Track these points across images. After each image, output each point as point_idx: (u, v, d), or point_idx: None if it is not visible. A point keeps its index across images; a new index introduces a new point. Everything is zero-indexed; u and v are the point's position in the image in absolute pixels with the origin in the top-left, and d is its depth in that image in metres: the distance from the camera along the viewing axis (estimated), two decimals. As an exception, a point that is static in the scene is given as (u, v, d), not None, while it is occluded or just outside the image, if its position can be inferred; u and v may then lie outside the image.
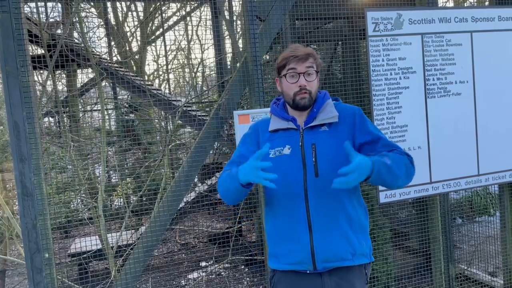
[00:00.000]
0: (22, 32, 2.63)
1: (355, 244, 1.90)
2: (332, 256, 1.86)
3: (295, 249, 1.88)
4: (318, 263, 1.86)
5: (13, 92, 2.62)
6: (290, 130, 1.97)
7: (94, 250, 4.41)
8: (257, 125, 2.09)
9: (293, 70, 1.91)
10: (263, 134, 2.02)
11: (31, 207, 2.69)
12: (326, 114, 1.95)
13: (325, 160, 1.88)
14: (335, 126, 1.95)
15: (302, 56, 1.90)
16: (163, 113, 6.50)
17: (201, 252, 6.15)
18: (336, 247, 1.86)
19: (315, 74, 1.94)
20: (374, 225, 3.67)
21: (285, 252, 1.92)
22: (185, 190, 3.22)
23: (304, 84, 1.91)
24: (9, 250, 5.71)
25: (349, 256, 1.88)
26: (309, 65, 1.91)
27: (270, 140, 1.97)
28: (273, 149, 1.95)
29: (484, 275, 4.35)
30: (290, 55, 1.92)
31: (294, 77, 1.92)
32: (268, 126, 2.03)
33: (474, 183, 3.34)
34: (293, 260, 1.90)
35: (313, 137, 1.93)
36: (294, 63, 1.91)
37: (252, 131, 2.09)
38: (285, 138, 1.96)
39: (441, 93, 3.22)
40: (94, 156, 5.82)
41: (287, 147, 1.94)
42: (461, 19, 3.23)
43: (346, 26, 3.87)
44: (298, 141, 1.93)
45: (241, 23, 8.40)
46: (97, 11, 7.46)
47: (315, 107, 1.98)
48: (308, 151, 1.91)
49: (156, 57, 10.14)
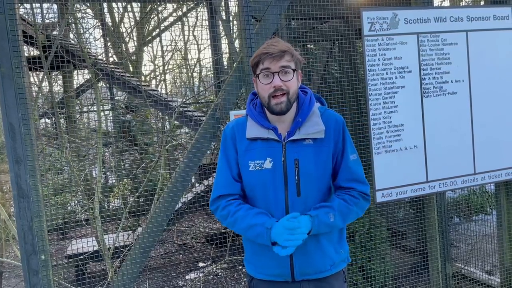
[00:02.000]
0: (17, 33, 2.62)
1: (334, 257, 1.88)
2: (312, 270, 1.83)
3: (273, 264, 1.81)
4: (297, 276, 1.83)
5: (8, 94, 2.61)
6: (270, 140, 1.80)
7: (91, 251, 4.40)
8: (233, 131, 1.88)
9: (267, 70, 1.71)
10: (241, 142, 1.84)
11: (27, 209, 2.68)
12: (312, 127, 1.79)
13: (308, 178, 1.78)
14: (320, 140, 1.80)
15: (277, 53, 1.70)
16: (160, 114, 6.49)
17: (198, 252, 6.15)
18: (315, 262, 1.83)
19: (293, 72, 1.74)
20: (371, 224, 3.67)
21: (263, 264, 1.86)
22: (182, 190, 3.21)
23: (279, 85, 1.71)
24: (6, 252, 5.69)
25: (327, 268, 1.86)
26: (284, 64, 1.71)
27: (249, 150, 1.81)
28: (252, 161, 1.80)
29: (481, 274, 4.36)
30: (263, 52, 1.72)
31: (268, 76, 1.72)
32: (245, 130, 1.85)
33: (470, 182, 3.35)
34: (270, 272, 1.85)
35: (296, 150, 1.78)
36: (268, 62, 1.71)
37: (228, 138, 1.88)
38: (265, 150, 1.80)
39: (437, 92, 3.23)
40: (90, 157, 5.81)
41: (268, 160, 1.78)
42: (457, 18, 3.24)
43: (342, 26, 3.87)
44: (280, 155, 1.78)
45: (237, 24, 8.40)
46: (93, 11, 7.44)
47: (300, 116, 1.81)
48: (290, 167, 1.77)
49: (152, 58, 10.12)
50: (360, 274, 3.61)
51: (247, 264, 1.96)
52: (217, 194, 1.88)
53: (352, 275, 3.60)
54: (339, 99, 3.78)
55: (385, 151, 3.11)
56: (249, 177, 1.82)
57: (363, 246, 3.65)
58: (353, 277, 3.59)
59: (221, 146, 1.91)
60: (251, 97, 1.94)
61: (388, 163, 3.12)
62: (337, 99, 3.72)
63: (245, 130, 1.84)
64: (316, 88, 4.28)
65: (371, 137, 3.07)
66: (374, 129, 3.08)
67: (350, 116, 3.72)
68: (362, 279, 3.60)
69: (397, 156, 3.14)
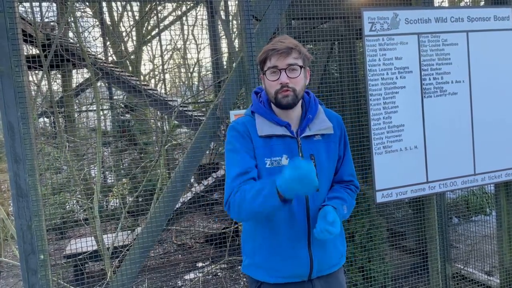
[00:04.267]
0: (16, 32, 2.61)
1: (340, 248, 1.95)
2: (326, 265, 1.87)
3: (293, 264, 1.80)
4: (314, 274, 1.85)
5: (7, 92, 2.60)
6: (285, 137, 1.80)
7: (90, 251, 4.39)
8: (245, 127, 1.82)
9: (274, 67, 1.72)
10: (255, 139, 1.81)
11: (26, 208, 2.66)
12: (321, 124, 1.84)
13: (322, 172, 1.81)
14: (328, 136, 1.85)
15: (284, 50, 1.70)
16: (159, 113, 6.48)
17: (197, 252, 6.14)
18: (330, 257, 1.88)
19: (300, 69, 1.74)
20: (371, 225, 3.67)
21: (280, 267, 1.82)
22: (181, 190, 3.20)
23: (285, 82, 1.71)
24: (4, 251, 5.67)
25: (337, 261, 1.92)
26: (291, 61, 1.72)
27: (264, 147, 1.79)
28: (269, 159, 1.78)
29: (480, 275, 4.36)
30: (270, 48, 1.73)
31: (276, 73, 1.73)
32: (255, 128, 1.82)
33: (470, 182, 3.35)
34: (288, 274, 1.83)
35: (310, 147, 1.81)
36: (275, 59, 1.72)
37: (243, 133, 1.81)
38: (281, 146, 1.79)
39: (437, 93, 3.22)
40: (89, 157, 5.79)
41: (284, 157, 1.78)
42: (457, 18, 3.24)
43: (342, 25, 3.87)
44: (297, 152, 1.79)
45: (237, 23, 8.40)
46: (92, 11, 7.43)
47: (310, 113, 1.84)
48: None
49: (152, 57, 10.11)
50: (360, 275, 3.60)
51: (255, 269, 1.89)
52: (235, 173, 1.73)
53: (351, 275, 3.59)
54: (339, 99, 3.78)
55: (385, 152, 3.11)
56: (267, 174, 1.79)
57: (363, 247, 3.64)
58: (352, 277, 3.59)
59: (233, 142, 1.82)
60: (255, 95, 1.93)
61: (388, 164, 3.11)
62: (337, 99, 3.72)
63: (255, 128, 1.81)
64: (316, 88, 4.27)
65: (371, 137, 3.07)
66: (374, 129, 3.07)
67: (350, 116, 3.72)
68: (361, 280, 3.59)
69: (397, 156, 3.14)
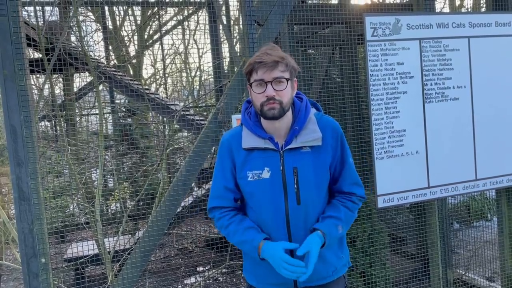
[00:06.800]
0: (20, 36, 2.62)
1: (335, 262, 1.88)
2: (314, 278, 1.81)
3: (275, 274, 1.76)
4: (299, 284, 1.83)
5: (10, 96, 2.61)
6: (267, 150, 1.78)
7: (91, 255, 4.38)
8: (229, 142, 1.85)
9: (260, 80, 1.69)
10: (238, 153, 1.81)
11: (28, 212, 2.67)
12: (309, 135, 1.77)
13: (308, 186, 1.76)
14: (318, 147, 1.79)
15: (270, 63, 1.66)
16: (161, 117, 6.49)
17: (198, 257, 6.13)
18: (317, 271, 1.80)
19: (286, 82, 1.70)
20: (372, 230, 3.66)
21: (265, 273, 1.83)
22: (182, 194, 3.20)
23: (271, 95, 1.67)
24: (5, 255, 5.67)
25: (329, 274, 1.87)
26: (278, 75, 1.68)
27: (247, 161, 1.79)
28: (251, 172, 1.78)
29: (481, 280, 4.34)
30: (256, 61, 1.69)
31: (262, 86, 1.69)
32: (240, 140, 1.82)
33: (471, 188, 3.35)
34: (273, 282, 1.84)
35: (294, 159, 1.76)
36: (261, 72, 1.68)
37: (225, 149, 1.85)
38: (262, 159, 1.78)
39: (439, 98, 3.23)
40: (91, 160, 5.80)
41: (266, 170, 1.77)
42: (459, 24, 3.25)
43: (344, 31, 3.88)
44: (278, 164, 1.76)
45: (238, 28, 8.43)
46: (94, 15, 7.46)
47: (297, 124, 1.78)
48: (289, 176, 1.75)
49: (153, 62, 10.13)
50: (361, 280, 3.59)
51: (247, 274, 1.95)
52: (211, 205, 1.92)
53: (353, 280, 3.58)
54: (340, 104, 3.78)
55: (387, 156, 3.11)
56: (248, 188, 1.81)
57: (364, 252, 3.64)
58: (354, 282, 3.58)
59: (218, 154, 1.90)
60: (246, 105, 1.90)
61: (390, 169, 3.12)
62: (338, 104, 3.73)
63: (241, 140, 1.82)
64: (317, 93, 4.28)
65: (373, 142, 3.07)
66: (376, 134, 3.08)
67: (351, 121, 3.72)
68: (363, 285, 3.59)
69: (399, 161, 3.14)
